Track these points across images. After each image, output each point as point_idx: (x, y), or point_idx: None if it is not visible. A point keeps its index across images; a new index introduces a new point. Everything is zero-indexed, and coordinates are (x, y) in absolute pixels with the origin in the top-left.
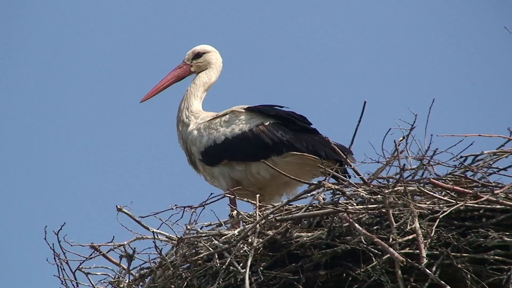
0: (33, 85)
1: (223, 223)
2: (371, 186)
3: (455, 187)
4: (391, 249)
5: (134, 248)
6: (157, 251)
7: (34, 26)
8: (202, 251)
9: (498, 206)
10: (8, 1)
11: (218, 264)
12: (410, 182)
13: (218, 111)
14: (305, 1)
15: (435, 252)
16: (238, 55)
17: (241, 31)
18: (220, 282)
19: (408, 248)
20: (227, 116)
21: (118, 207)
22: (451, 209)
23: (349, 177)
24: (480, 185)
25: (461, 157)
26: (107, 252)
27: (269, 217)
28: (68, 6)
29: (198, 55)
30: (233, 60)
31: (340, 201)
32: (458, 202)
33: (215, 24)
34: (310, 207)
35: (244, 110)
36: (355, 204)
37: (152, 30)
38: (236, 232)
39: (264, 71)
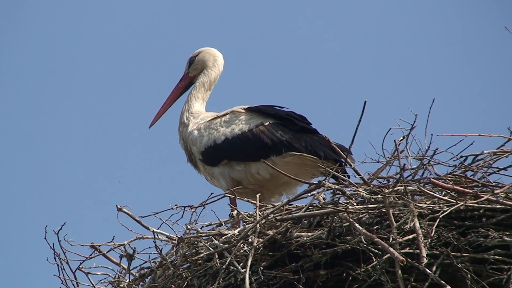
0: (33, 85)
1: (223, 223)
2: (371, 185)
3: (455, 187)
4: (391, 249)
5: (134, 247)
6: (157, 251)
7: (34, 26)
8: (202, 250)
9: (498, 206)
10: (8, 1)
11: (218, 264)
12: (410, 181)
13: (219, 111)
14: (306, 2)
15: (435, 251)
16: (239, 55)
17: (241, 32)
18: (220, 281)
19: (408, 247)
20: (227, 116)
21: (118, 207)
22: (451, 209)
23: (349, 177)
24: (480, 184)
25: (461, 156)
26: (107, 252)
27: (269, 217)
28: (68, 6)
29: (192, 60)
30: (234, 61)
31: (340, 201)
32: (458, 202)
33: (215, 24)
34: (310, 207)
35: (244, 110)
36: (355, 204)
37: (152, 31)
38: (236, 232)
39: (264, 71)
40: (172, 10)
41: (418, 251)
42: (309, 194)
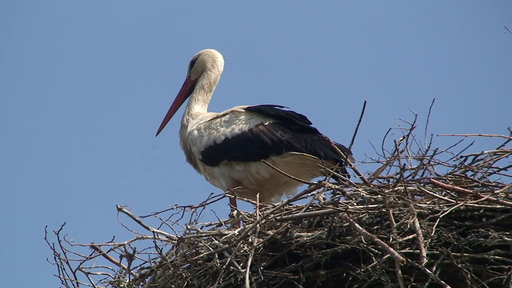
0: (33, 85)
1: (223, 223)
2: (371, 186)
3: (455, 187)
4: (391, 249)
5: (135, 247)
6: (158, 251)
7: (34, 26)
8: (202, 251)
9: (498, 206)
10: (8, 1)
11: (219, 264)
12: (410, 182)
13: (219, 111)
14: (306, 2)
15: (435, 251)
16: (239, 55)
17: (241, 32)
18: (220, 282)
19: (408, 248)
20: (227, 116)
21: (118, 207)
22: (451, 209)
23: (349, 177)
24: (480, 184)
25: (461, 157)
26: (107, 252)
27: (269, 217)
28: (68, 6)
29: (192, 63)
30: (234, 61)
31: (340, 201)
32: (458, 202)
33: (215, 24)
34: (310, 207)
35: (244, 110)
36: (355, 204)
37: (152, 32)
38: (236, 232)
39: (264, 71)
40: (172, 11)
41: (418, 251)
42: (309, 194)
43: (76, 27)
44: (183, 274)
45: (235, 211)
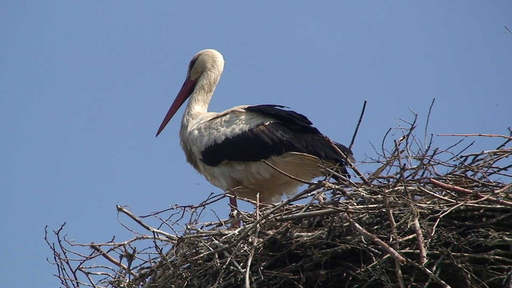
0: (33, 85)
1: (223, 223)
2: (372, 185)
3: (455, 187)
4: (391, 249)
5: (135, 247)
6: (158, 251)
7: (34, 26)
8: (203, 250)
9: (498, 206)
10: (8, 1)
11: (219, 264)
12: (410, 181)
13: (219, 111)
14: (306, 2)
15: (435, 251)
16: (239, 55)
17: (241, 32)
18: (221, 281)
19: (408, 247)
20: (228, 116)
21: (118, 207)
22: (451, 208)
23: (349, 176)
24: (480, 184)
25: (462, 156)
26: (107, 252)
27: (269, 217)
28: (68, 6)
29: (192, 63)
30: (234, 61)
31: (340, 201)
32: (458, 201)
33: (215, 24)
34: (310, 207)
35: (244, 110)
36: (355, 204)
37: (152, 32)
38: (236, 231)
39: (264, 71)
40: (173, 11)
41: (418, 251)
42: (309, 194)
43: (76, 27)
44: (183, 274)
45: (235, 211)
